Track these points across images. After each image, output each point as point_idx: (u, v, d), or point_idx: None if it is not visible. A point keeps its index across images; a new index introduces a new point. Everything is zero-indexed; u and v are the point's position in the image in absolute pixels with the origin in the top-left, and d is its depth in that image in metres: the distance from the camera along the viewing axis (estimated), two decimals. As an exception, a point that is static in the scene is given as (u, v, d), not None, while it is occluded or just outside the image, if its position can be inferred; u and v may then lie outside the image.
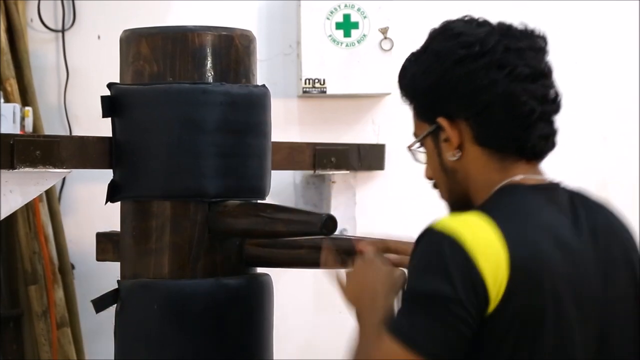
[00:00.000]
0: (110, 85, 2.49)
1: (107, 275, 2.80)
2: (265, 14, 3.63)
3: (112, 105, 2.46)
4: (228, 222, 2.40)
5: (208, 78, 2.44)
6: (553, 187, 1.81)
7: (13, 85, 3.38)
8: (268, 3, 3.64)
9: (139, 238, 2.44)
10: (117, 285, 2.47)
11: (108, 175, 2.51)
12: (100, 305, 2.47)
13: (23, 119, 3.27)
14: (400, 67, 1.86)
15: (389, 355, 1.61)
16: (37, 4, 3.54)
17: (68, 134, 3.48)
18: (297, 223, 2.31)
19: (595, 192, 4.16)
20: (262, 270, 2.55)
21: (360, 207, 3.61)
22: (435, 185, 1.86)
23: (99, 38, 3.56)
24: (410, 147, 1.86)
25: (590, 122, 3.80)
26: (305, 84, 3.55)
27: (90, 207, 3.46)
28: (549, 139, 1.79)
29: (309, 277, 3.57)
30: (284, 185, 3.61)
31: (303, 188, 3.66)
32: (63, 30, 3.56)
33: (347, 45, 3.56)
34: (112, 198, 2.47)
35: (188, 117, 2.40)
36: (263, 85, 2.53)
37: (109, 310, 2.49)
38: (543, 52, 1.80)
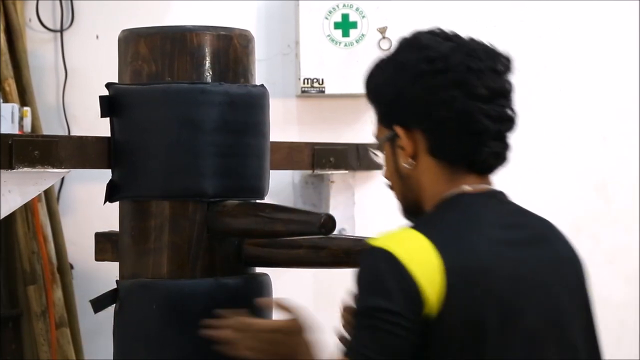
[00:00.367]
0: (109, 85, 2.49)
1: (106, 276, 2.79)
2: (264, 14, 3.63)
3: (110, 105, 2.46)
4: (227, 221, 2.39)
5: (206, 78, 2.43)
6: (496, 193, 1.88)
7: (11, 85, 3.38)
8: (267, 3, 3.64)
9: (138, 238, 2.44)
10: (115, 285, 2.47)
11: (107, 175, 2.51)
12: (99, 306, 2.47)
13: (21, 119, 3.27)
14: (368, 70, 1.93)
15: None
16: (35, 4, 3.54)
17: (67, 134, 3.48)
18: (295, 223, 2.31)
19: (595, 192, 4.17)
20: (261, 270, 2.55)
21: (359, 206, 3.61)
22: (391, 187, 1.94)
23: (98, 38, 3.56)
24: (370, 148, 1.94)
25: (590, 122, 3.79)
26: (304, 84, 3.55)
27: (89, 207, 3.46)
28: (500, 156, 1.86)
29: (309, 277, 3.57)
30: (283, 185, 3.61)
31: (302, 188, 3.66)
32: (62, 30, 3.56)
33: (345, 45, 3.56)
34: (110, 198, 2.47)
35: (187, 117, 2.40)
36: (262, 85, 2.53)
37: (108, 311, 2.49)
38: (504, 73, 1.86)
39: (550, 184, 3.77)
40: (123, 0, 3.55)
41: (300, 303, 2.13)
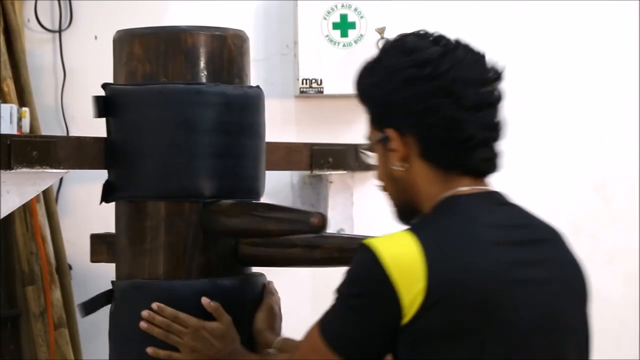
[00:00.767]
0: (105, 86, 2.49)
1: (104, 276, 2.79)
2: (262, 14, 3.63)
3: (105, 106, 2.46)
4: (221, 221, 2.39)
5: (201, 78, 2.43)
6: (494, 194, 1.88)
7: (10, 86, 3.38)
8: (265, 3, 3.64)
9: (134, 238, 2.44)
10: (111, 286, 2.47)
11: (105, 176, 2.51)
12: (91, 308, 2.46)
13: (20, 120, 3.27)
14: (357, 72, 1.93)
15: (311, 337, 1.83)
16: (34, 4, 3.54)
17: (65, 135, 3.48)
18: (288, 221, 2.31)
19: (595, 192, 4.16)
20: (258, 270, 2.55)
21: (358, 207, 3.60)
22: (384, 189, 1.94)
23: (96, 38, 3.56)
24: (362, 149, 1.95)
25: (590, 122, 3.79)
26: (303, 84, 3.55)
27: (88, 207, 3.45)
28: (491, 161, 1.87)
29: (307, 276, 3.57)
30: (282, 186, 3.61)
31: (300, 188, 3.66)
32: (60, 31, 3.56)
33: (344, 45, 3.56)
34: (106, 198, 2.47)
35: (182, 117, 2.40)
36: (257, 86, 2.53)
37: (106, 311, 2.49)
38: (493, 82, 1.86)
39: (550, 184, 3.76)
40: (121, 1, 3.55)
41: (298, 302, 2.14)
